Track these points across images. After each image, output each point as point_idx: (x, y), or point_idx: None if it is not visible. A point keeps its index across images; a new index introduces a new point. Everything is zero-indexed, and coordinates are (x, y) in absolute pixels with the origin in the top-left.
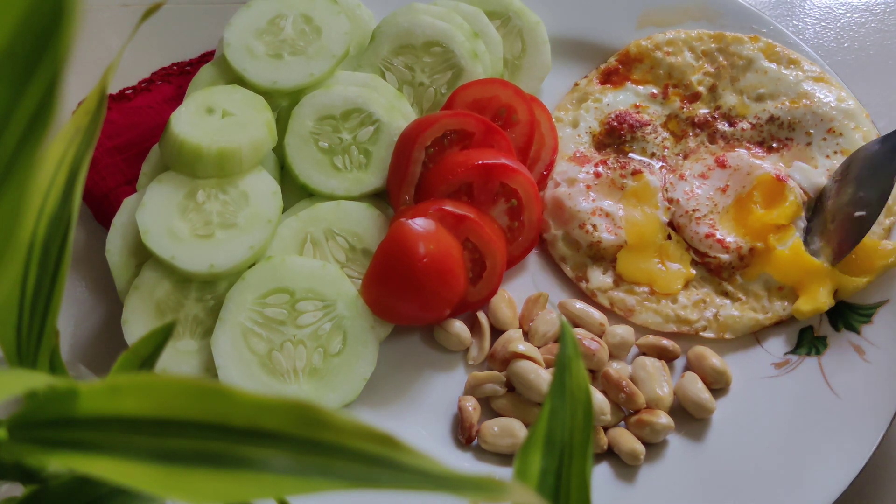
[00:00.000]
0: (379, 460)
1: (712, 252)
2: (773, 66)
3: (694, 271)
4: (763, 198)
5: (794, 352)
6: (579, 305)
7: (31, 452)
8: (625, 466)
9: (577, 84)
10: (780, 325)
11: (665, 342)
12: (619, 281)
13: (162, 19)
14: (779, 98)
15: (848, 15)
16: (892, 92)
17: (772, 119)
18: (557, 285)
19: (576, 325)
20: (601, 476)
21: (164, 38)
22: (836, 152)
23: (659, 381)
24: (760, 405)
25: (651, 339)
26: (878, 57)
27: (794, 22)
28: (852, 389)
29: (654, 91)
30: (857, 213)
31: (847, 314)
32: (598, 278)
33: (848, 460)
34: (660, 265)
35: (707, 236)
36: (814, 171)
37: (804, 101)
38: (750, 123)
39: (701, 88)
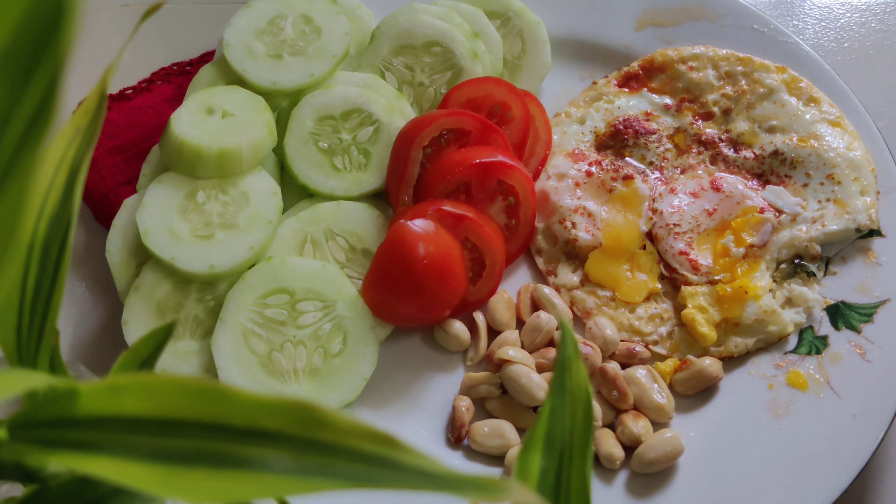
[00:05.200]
0: (379, 460)
1: (682, 269)
2: (793, 100)
3: (659, 285)
4: (742, 229)
5: (794, 351)
6: (548, 291)
7: (31, 452)
8: (624, 466)
9: (595, 83)
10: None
11: (638, 349)
12: (584, 281)
13: (162, 19)
14: (788, 133)
15: (848, 15)
16: (892, 92)
17: (776, 153)
18: (530, 277)
19: (537, 309)
20: (600, 477)
21: (164, 38)
22: (829, 200)
23: (656, 390)
24: (760, 405)
25: (621, 346)
26: (878, 57)
27: (794, 22)
28: (852, 389)
29: (669, 102)
30: None
31: (848, 313)
32: (567, 275)
33: (848, 460)
34: (628, 272)
35: (681, 253)
36: (787, 194)
37: (812, 141)
38: (754, 153)
39: (715, 109)
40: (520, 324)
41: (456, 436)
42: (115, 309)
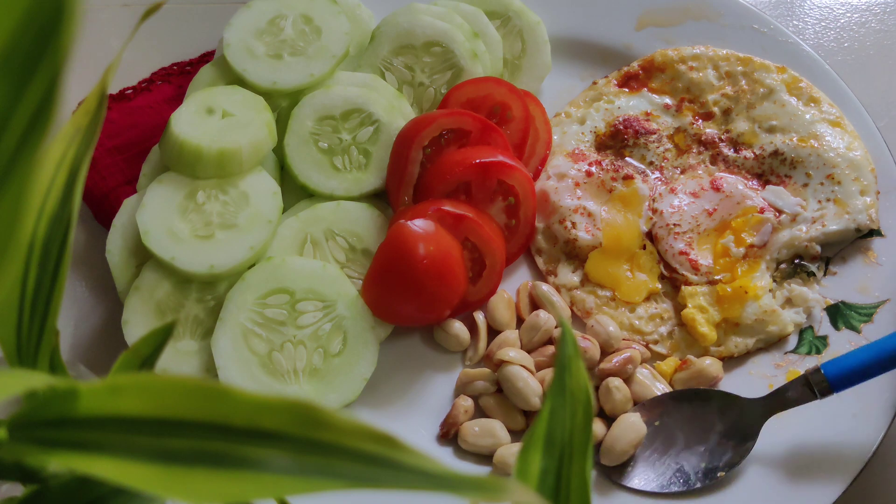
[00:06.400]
0: (379, 460)
1: (682, 269)
2: (793, 100)
3: (659, 285)
4: (742, 229)
5: (794, 351)
6: (546, 289)
7: (31, 452)
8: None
9: (595, 83)
10: None
11: (636, 348)
12: (585, 281)
13: (162, 19)
14: (788, 133)
15: (848, 15)
16: (891, 92)
17: (776, 153)
18: (530, 277)
19: (537, 308)
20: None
21: (164, 38)
22: (829, 200)
23: (657, 388)
24: None
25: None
26: (878, 57)
27: (794, 22)
28: (852, 389)
29: (669, 102)
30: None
31: (848, 313)
32: (567, 275)
33: (848, 460)
34: (628, 272)
35: (681, 253)
36: (787, 194)
37: (812, 141)
38: (753, 153)
39: (715, 109)
40: (519, 322)
41: (444, 431)
42: (115, 309)
